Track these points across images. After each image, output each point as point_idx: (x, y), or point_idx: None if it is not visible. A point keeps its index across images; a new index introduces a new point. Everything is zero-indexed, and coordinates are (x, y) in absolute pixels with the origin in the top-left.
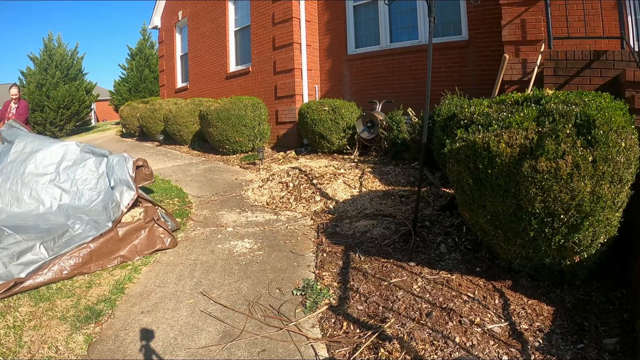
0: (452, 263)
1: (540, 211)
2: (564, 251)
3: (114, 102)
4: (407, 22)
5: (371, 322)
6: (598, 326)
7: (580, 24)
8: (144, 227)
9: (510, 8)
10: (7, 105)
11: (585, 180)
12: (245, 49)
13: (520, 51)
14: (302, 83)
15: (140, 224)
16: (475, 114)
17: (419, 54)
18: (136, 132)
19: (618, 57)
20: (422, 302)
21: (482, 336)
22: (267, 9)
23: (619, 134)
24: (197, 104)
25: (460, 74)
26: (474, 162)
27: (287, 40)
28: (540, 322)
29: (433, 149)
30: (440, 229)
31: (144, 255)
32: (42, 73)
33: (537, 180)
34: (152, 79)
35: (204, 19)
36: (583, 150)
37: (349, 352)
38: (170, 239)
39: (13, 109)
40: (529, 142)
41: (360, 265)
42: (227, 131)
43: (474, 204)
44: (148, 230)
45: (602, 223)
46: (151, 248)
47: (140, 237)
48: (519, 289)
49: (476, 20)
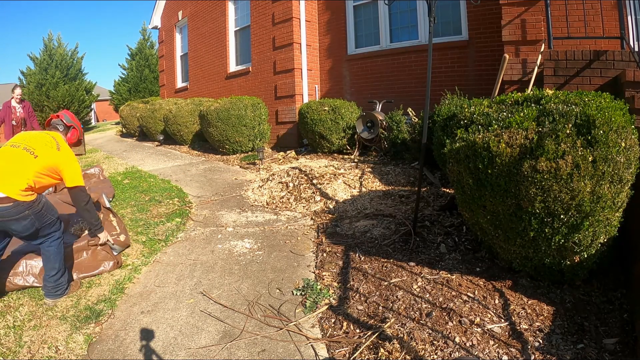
0: (452, 263)
1: (540, 211)
2: (564, 251)
3: (114, 102)
4: (407, 22)
5: (371, 322)
6: (598, 326)
7: (580, 24)
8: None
9: (511, 8)
10: (8, 106)
11: (585, 180)
12: (245, 49)
13: (520, 51)
14: (302, 83)
15: (82, 246)
16: (475, 114)
17: (419, 54)
18: (136, 132)
19: (618, 57)
20: (422, 302)
21: (482, 336)
22: (267, 9)
23: (619, 134)
24: (197, 104)
25: (460, 74)
26: (474, 162)
27: (287, 40)
28: (540, 322)
29: (433, 149)
30: (440, 229)
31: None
32: (42, 73)
33: (537, 180)
34: (152, 79)
35: (204, 19)
36: (583, 150)
37: (349, 352)
38: (113, 262)
39: (18, 109)
40: (529, 142)
41: (360, 265)
42: (227, 131)
43: (474, 204)
44: (91, 252)
45: (602, 223)
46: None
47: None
48: (519, 289)
49: (476, 20)
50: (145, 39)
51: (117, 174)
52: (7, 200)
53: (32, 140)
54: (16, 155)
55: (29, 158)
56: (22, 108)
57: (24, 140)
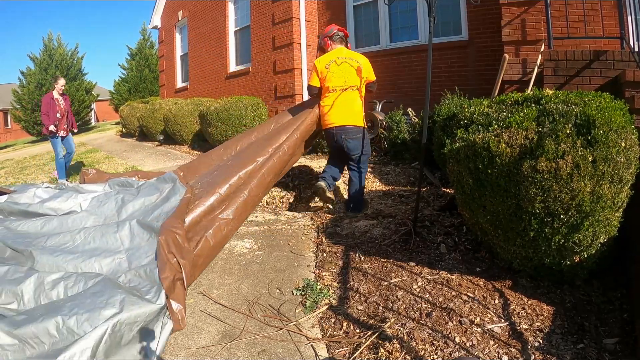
0: (452, 263)
1: (540, 211)
2: (564, 251)
3: (113, 102)
4: (407, 22)
5: (371, 322)
6: (598, 326)
7: (580, 24)
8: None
9: (510, 8)
10: (51, 98)
11: (585, 180)
12: (245, 49)
13: (520, 51)
14: (302, 83)
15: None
16: (475, 114)
17: (419, 54)
18: (136, 132)
19: (618, 57)
20: (422, 302)
21: (482, 336)
22: (267, 9)
23: (619, 134)
24: (197, 103)
25: (460, 74)
26: (474, 162)
27: (287, 40)
28: (540, 322)
29: (433, 149)
30: (440, 229)
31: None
32: (42, 73)
33: (537, 180)
34: (152, 79)
35: (204, 19)
36: (583, 150)
37: (349, 352)
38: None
39: (61, 101)
40: (529, 142)
41: (360, 265)
42: (227, 131)
43: (473, 204)
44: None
45: (602, 223)
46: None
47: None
48: (519, 289)
49: (476, 20)
50: (145, 39)
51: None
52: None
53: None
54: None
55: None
56: (63, 100)
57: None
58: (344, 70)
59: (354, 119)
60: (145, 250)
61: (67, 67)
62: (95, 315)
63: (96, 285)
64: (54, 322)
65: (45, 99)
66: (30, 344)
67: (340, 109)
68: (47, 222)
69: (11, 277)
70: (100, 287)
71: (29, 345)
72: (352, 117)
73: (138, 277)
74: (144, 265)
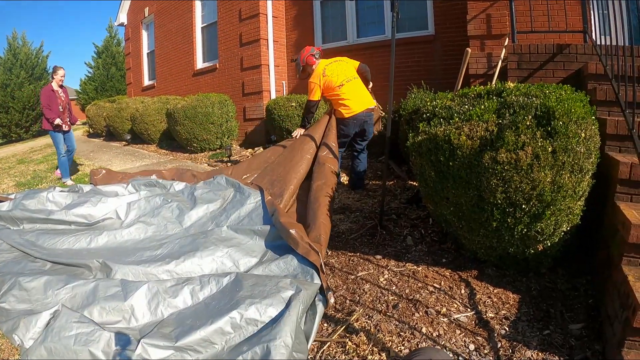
0: (418, 255)
1: (502, 202)
2: (527, 240)
3: (80, 101)
4: (374, 18)
5: (338, 315)
6: (564, 312)
7: (544, 19)
8: None
9: (476, 3)
10: (51, 90)
11: (546, 171)
12: (212, 45)
13: (485, 45)
14: (269, 79)
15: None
16: (437, 107)
17: (386, 49)
18: (103, 132)
19: (581, 50)
20: (389, 295)
21: (449, 326)
22: (233, 5)
23: (579, 124)
24: (164, 102)
25: (426, 68)
26: (436, 155)
27: (254, 36)
28: (506, 310)
29: (399, 142)
30: (407, 222)
31: None
32: (7, 73)
33: (497, 171)
34: (119, 77)
35: (170, 15)
36: (543, 141)
37: (317, 347)
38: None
39: (61, 93)
40: (489, 134)
41: (327, 260)
42: (195, 129)
43: (437, 196)
44: None
45: (564, 212)
46: None
47: None
48: (484, 278)
49: (442, 15)
50: (112, 36)
51: (84, 175)
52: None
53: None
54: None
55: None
56: (63, 92)
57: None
58: (339, 67)
59: (371, 101)
60: (253, 249)
61: (32, 66)
62: (277, 299)
63: (235, 282)
64: (228, 318)
65: (44, 91)
66: (189, 353)
67: (358, 94)
68: (94, 238)
69: (105, 294)
70: (254, 279)
71: (187, 355)
72: (370, 99)
73: (277, 268)
74: (282, 258)
